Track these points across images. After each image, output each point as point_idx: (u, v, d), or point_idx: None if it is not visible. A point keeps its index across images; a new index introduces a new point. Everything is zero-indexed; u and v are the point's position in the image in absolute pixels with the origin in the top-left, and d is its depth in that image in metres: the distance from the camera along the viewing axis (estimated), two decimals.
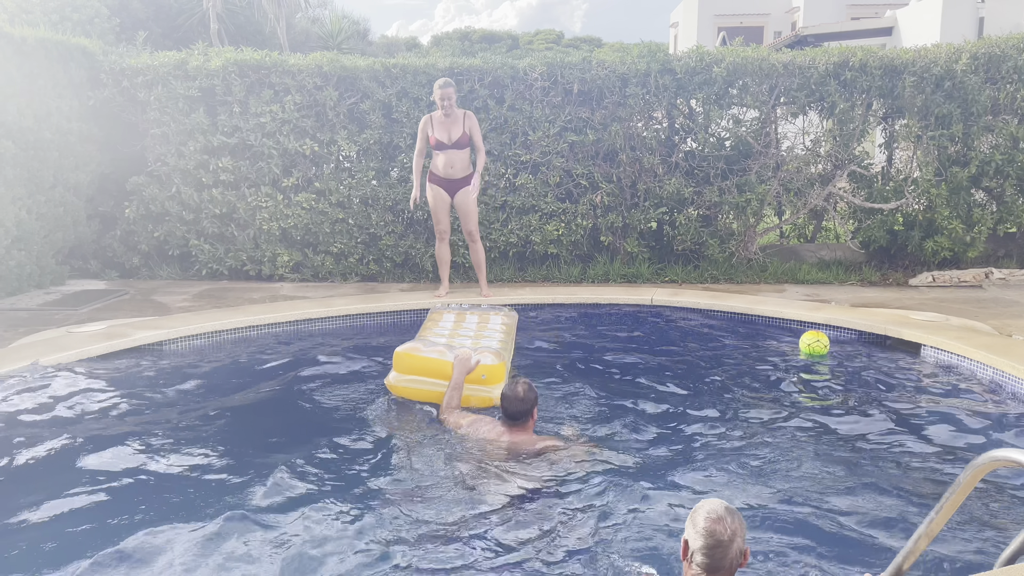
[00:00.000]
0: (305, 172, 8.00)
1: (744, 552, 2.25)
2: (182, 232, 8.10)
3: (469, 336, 5.04)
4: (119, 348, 5.37)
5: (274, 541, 3.04)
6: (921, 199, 7.89)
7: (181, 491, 3.47)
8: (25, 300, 6.92)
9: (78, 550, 2.95)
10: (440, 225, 6.79)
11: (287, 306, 6.55)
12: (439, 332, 5.14)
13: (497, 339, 5.04)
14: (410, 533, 3.11)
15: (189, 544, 2.99)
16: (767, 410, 4.53)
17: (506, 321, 5.51)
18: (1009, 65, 7.56)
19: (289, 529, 3.13)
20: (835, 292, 7.32)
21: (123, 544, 2.98)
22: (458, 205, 6.74)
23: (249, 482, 3.55)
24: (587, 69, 7.77)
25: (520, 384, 3.89)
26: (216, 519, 3.15)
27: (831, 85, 7.60)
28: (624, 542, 3.05)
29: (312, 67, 7.81)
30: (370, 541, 3.04)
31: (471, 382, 4.43)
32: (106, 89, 7.94)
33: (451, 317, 5.56)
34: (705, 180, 7.95)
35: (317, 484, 3.55)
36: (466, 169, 6.68)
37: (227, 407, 4.54)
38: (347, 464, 3.79)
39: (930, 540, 2.19)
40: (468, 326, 5.34)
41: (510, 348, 5.16)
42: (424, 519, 3.22)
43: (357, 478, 3.64)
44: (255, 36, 17.33)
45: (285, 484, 3.51)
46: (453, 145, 6.56)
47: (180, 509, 3.28)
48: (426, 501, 3.37)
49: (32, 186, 7.10)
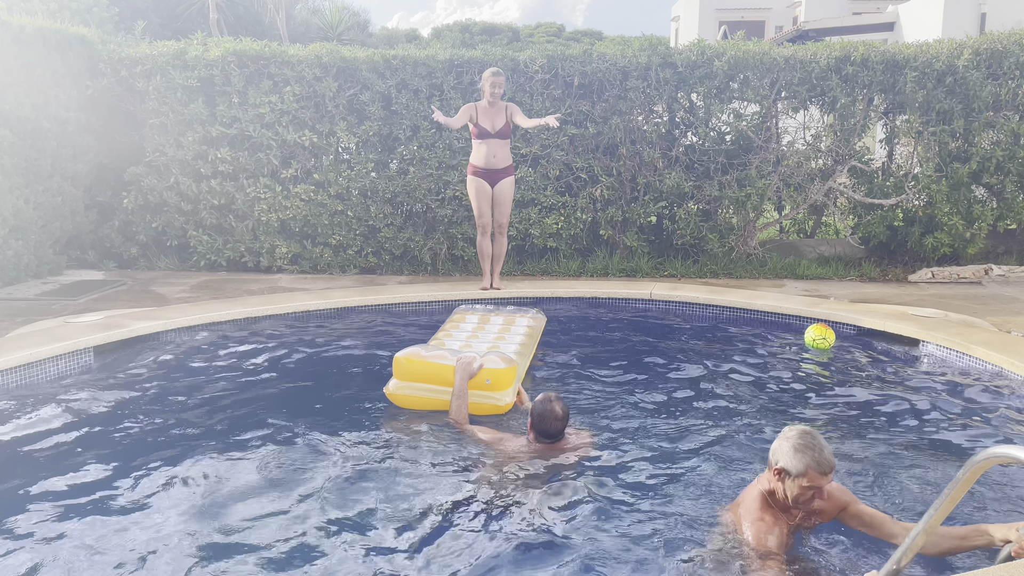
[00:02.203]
0: (304, 163, 7.97)
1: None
2: (180, 223, 8.08)
3: (487, 340, 4.86)
4: (116, 339, 5.35)
5: (261, 536, 3.03)
6: (921, 195, 7.87)
7: (173, 483, 3.45)
8: (22, 290, 6.90)
9: (69, 541, 2.94)
10: (483, 218, 6.73)
11: (285, 298, 6.53)
12: (457, 335, 4.97)
13: (517, 342, 4.87)
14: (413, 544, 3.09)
15: (179, 537, 2.98)
16: (765, 404, 4.52)
17: (532, 324, 5.34)
18: (1011, 61, 7.54)
19: (282, 526, 3.12)
20: (834, 288, 7.31)
21: (113, 535, 2.97)
22: (496, 195, 6.70)
23: (243, 475, 3.54)
24: (588, 62, 7.74)
25: (556, 401, 3.62)
26: (207, 513, 3.14)
27: (832, 80, 7.57)
28: (623, 534, 3.05)
29: (311, 58, 7.78)
30: (365, 547, 3.03)
31: (475, 388, 4.17)
32: (104, 79, 7.91)
33: (474, 319, 5.42)
34: (705, 174, 7.93)
35: (312, 478, 3.54)
36: (507, 159, 6.66)
37: (223, 399, 4.53)
38: (343, 461, 3.78)
39: (928, 537, 2.18)
40: (491, 329, 5.17)
41: (530, 352, 4.96)
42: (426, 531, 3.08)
43: (353, 474, 3.63)
44: (254, 26, 17.29)
45: (280, 478, 3.50)
46: (497, 134, 6.53)
47: (173, 501, 3.27)
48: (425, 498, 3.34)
49: (30, 176, 7.08)
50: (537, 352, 5.26)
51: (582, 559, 2.89)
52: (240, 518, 3.15)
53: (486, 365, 4.22)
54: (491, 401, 4.19)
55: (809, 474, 2.61)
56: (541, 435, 3.61)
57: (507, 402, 4.18)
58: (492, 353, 4.43)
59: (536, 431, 3.62)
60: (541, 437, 3.61)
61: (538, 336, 5.34)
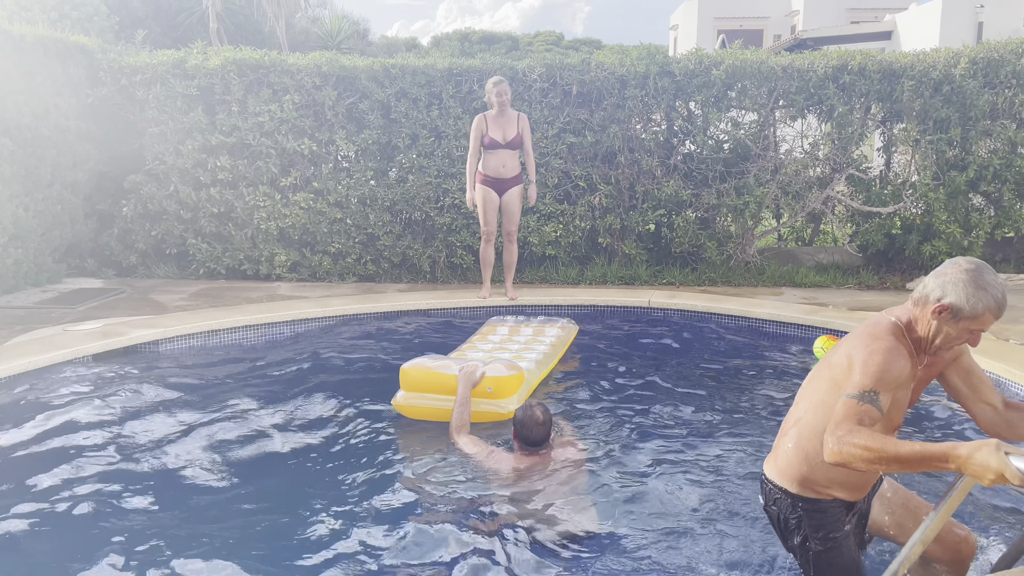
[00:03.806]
0: (303, 172, 7.99)
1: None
2: (180, 231, 8.09)
3: (512, 351, 4.95)
4: (115, 347, 5.35)
5: (256, 545, 3.02)
6: (919, 203, 7.89)
7: (171, 492, 3.45)
8: (22, 298, 6.91)
9: (67, 550, 2.93)
10: (488, 226, 6.70)
11: (284, 306, 6.54)
12: (482, 346, 5.09)
13: (540, 351, 4.96)
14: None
15: (176, 545, 2.98)
16: (762, 412, 4.53)
17: (560, 334, 5.45)
18: (1008, 70, 7.56)
19: (277, 530, 3.11)
20: (832, 295, 7.32)
21: (114, 543, 2.97)
22: (505, 204, 6.68)
23: (240, 485, 3.54)
24: (586, 71, 7.77)
25: (536, 407, 3.61)
26: (202, 523, 3.14)
27: (830, 88, 7.60)
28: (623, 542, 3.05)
29: (311, 67, 7.81)
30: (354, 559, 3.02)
31: (478, 396, 4.18)
32: (104, 87, 7.93)
33: (504, 330, 5.53)
34: (703, 182, 7.95)
35: (310, 486, 3.54)
36: (516, 169, 6.63)
37: (222, 408, 4.53)
38: (339, 470, 3.78)
39: (926, 546, 2.18)
40: (518, 340, 5.28)
41: (551, 362, 5.04)
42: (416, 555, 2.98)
43: (350, 481, 3.63)
44: (254, 35, 17.34)
45: (276, 487, 3.50)
46: (507, 145, 6.50)
47: (168, 511, 3.27)
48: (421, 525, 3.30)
49: (30, 184, 7.09)
50: (569, 357, 5.42)
51: (568, 571, 2.89)
52: (236, 526, 3.15)
53: (490, 373, 4.24)
54: (495, 409, 4.21)
55: (985, 316, 2.18)
56: (524, 442, 3.60)
57: (510, 410, 4.18)
58: (497, 362, 4.45)
59: (519, 439, 3.62)
60: (524, 445, 3.61)
61: (565, 345, 5.43)
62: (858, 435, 2.00)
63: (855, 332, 2.33)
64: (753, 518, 3.24)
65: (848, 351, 2.26)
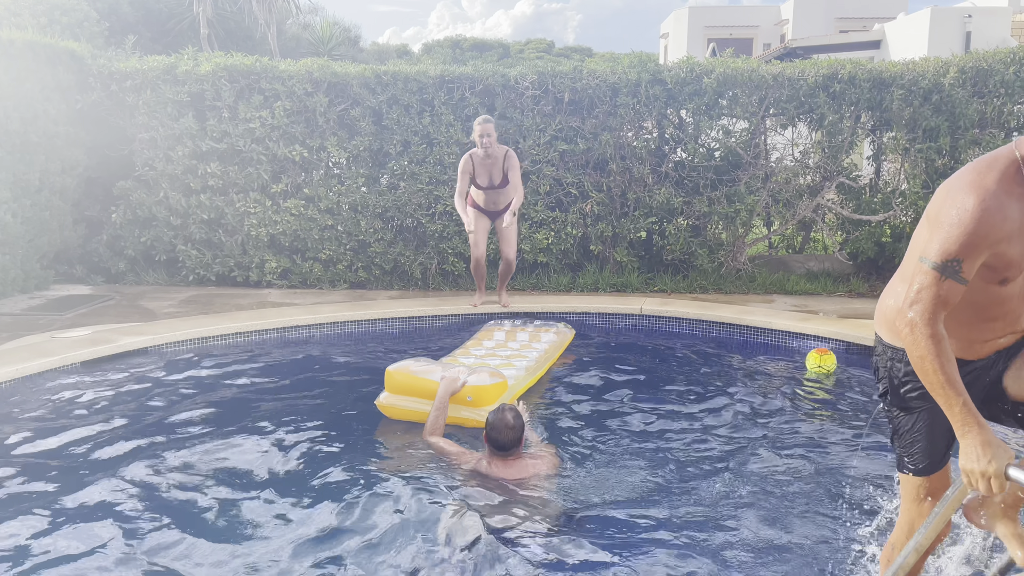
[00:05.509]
0: (294, 178, 7.97)
1: None
2: (169, 237, 8.05)
3: (504, 355, 4.97)
4: (104, 354, 5.31)
5: (244, 544, 3.00)
6: (909, 211, 7.93)
7: (159, 499, 3.42)
8: (9, 304, 6.85)
9: (54, 557, 2.90)
10: (477, 249, 6.36)
11: (274, 313, 6.51)
12: (475, 351, 5.12)
13: (532, 357, 5.00)
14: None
15: (163, 551, 2.95)
16: (753, 420, 4.53)
17: (555, 339, 5.49)
18: (996, 79, 7.62)
19: (269, 536, 3.09)
20: (823, 303, 7.34)
21: (102, 550, 2.94)
22: (499, 230, 6.40)
23: (228, 490, 3.51)
24: (578, 78, 7.78)
25: (508, 411, 3.58)
26: (188, 530, 3.12)
27: (820, 97, 7.64)
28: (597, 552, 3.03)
29: (302, 73, 7.79)
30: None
31: (457, 403, 4.23)
32: (94, 93, 7.89)
33: (500, 335, 5.56)
34: (695, 190, 7.97)
35: (297, 496, 3.51)
36: (508, 199, 6.35)
37: (211, 415, 4.50)
38: (324, 481, 3.75)
39: (919, 555, 2.18)
40: (512, 345, 5.31)
41: (542, 367, 5.06)
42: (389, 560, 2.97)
43: (337, 491, 3.60)
44: (245, 41, 17.30)
45: (264, 496, 3.48)
46: (495, 188, 6.28)
47: (157, 517, 3.24)
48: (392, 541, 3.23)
49: (18, 189, 7.04)
50: (562, 361, 5.46)
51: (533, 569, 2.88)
52: (225, 527, 3.13)
53: (473, 382, 4.29)
54: (474, 416, 4.25)
55: None
56: (493, 445, 3.58)
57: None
58: (484, 370, 4.47)
59: (489, 441, 3.61)
60: (494, 448, 3.58)
61: (560, 350, 5.45)
62: (924, 336, 1.86)
63: (965, 167, 2.00)
64: (739, 524, 3.23)
65: (945, 194, 1.95)
